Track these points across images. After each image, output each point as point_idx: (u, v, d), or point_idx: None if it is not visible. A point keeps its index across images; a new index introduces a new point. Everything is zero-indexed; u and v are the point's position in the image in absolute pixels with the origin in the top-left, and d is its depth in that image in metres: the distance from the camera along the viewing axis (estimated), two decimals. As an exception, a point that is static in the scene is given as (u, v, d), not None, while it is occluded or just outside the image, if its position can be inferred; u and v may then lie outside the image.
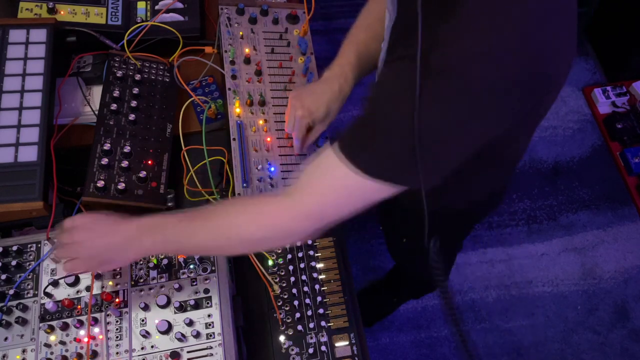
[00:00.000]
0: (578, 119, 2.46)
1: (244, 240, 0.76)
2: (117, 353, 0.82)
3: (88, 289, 0.86)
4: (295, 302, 0.93)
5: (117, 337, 0.83)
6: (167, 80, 1.12)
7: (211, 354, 0.82)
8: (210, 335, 0.84)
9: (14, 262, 0.88)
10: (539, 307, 2.03)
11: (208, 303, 0.86)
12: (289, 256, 0.96)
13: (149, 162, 1.01)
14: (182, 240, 0.77)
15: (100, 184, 0.94)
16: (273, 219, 0.73)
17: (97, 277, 0.88)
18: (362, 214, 0.70)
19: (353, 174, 0.64)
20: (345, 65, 0.94)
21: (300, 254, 0.97)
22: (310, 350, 0.89)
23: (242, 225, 0.75)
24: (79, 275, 0.87)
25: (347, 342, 0.90)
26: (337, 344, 0.90)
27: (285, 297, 0.94)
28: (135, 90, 1.07)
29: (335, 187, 0.68)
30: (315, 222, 0.71)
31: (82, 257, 0.79)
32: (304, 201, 0.71)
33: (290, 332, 0.91)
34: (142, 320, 0.85)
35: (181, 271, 0.89)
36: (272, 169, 1.00)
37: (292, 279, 0.95)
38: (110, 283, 0.87)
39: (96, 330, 0.84)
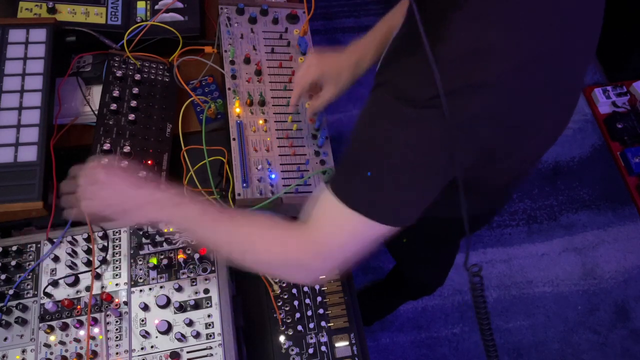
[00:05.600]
0: (578, 119, 2.46)
1: (257, 262, 0.75)
2: (116, 353, 0.82)
3: (88, 289, 0.86)
4: (295, 302, 0.92)
5: (116, 337, 0.83)
6: (167, 80, 1.12)
7: (211, 354, 0.82)
8: (210, 336, 0.84)
9: (13, 262, 0.88)
10: (539, 307, 2.03)
11: (208, 303, 0.86)
12: (289, 256, 0.96)
13: (149, 162, 1.01)
14: (199, 231, 0.78)
15: (100, 184, 0.94)
16: (286, 249, 0.72)
17: (97, 277, 0.88)
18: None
19: (350, 213, 0.64)
20: (370, 42, 0.94)
21: (300, 254, 0.97)
22: (310, 351, 0.89)
23: (259, 247, 0.74)
24: (79, 276, 0.87)
25: (347, 342, 0.90)
26: (337, 344, 0.90)
27: (285, 297, 0.93)
28: (135, 90, 1.06)
29: (337, 225, 0.68)
30: (326, 260, 0.71)
31: (99, 199, 0.78)
32: (313, 236, 0.70)
33: (290, 332, 0.90)
34: (142, 321, 0.85)
35: (181, 271, 0.89)
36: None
37: (292, 279, 0.94)
38: (110, 283, 0.87)
39: (96, 330, 0.84)
